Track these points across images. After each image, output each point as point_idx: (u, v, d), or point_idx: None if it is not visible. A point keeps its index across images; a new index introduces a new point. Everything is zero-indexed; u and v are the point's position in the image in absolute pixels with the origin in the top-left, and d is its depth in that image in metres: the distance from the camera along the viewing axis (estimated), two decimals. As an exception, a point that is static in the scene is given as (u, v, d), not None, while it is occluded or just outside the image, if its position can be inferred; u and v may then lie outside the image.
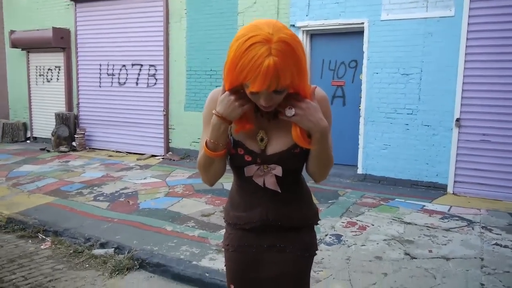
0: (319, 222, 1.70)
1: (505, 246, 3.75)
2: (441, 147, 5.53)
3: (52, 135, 8.60)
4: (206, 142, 1.45)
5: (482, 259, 3.48)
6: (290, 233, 1.57)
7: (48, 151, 8.52)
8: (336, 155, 1.65)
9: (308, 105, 1.36)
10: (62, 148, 8.47)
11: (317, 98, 1.50)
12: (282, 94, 1.33)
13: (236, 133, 1.48)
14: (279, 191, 1.50)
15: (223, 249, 1.72)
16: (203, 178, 1.57)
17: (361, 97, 6.04)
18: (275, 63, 1.20)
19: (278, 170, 1.47)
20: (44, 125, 9.61)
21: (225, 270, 1.70)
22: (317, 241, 1.72)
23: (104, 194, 5.39)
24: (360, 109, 6.06)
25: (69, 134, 8.62)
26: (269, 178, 1.48)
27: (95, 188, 5.69)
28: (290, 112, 1.35)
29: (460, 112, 5.36)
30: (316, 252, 1.69)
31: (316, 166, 1.49)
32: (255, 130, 1.48)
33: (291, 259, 1.58)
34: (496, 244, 3.81)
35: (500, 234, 4.04)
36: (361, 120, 6.03)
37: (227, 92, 1.40)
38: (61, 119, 8.67)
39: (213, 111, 1.42)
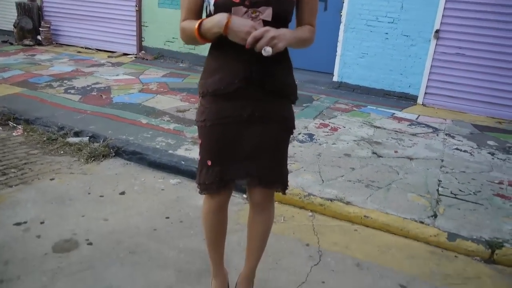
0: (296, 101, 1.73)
1: (465, 151, 4.01)
2: (417, 59, 5.58)
3: (14, 27, 8.04)
4: (199, 25, 1.45)
5: (442, 161, 3.73)
6: (270, 104, 1.59)
7: (11, 44, 8.03)
8: (313, 61, 1.73)
9: (277, 34, 1.39)
10: (27, 42, 7.99)
11: None
12: None
13: None
14: None
15: (198, 126, 1.67)
16: (183, 40, 1.60)
17: (343, 2, 5.87)
18: None
19: (267, 13, 1.44)
20: (4, 16, 8.93)
21: (199, 153, 1.69)
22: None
23: (75, 88, 5.24)
24: (341, 15, 5.92)
25: (33, 26, 8.07)
26: (256, 26, 1.43)
27: (65, 81, 5.51)
28: (267, 52, 1.38)
29: (441, 23, 5.33)
30: (294, 131, 1.74)
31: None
32: None
33: (269, 131, 1.61)
34: (457, 149, 4.05)
35: (462, 141, 4.28)
36: (341, 27, 5.91)
37: (252, 23, 1.40)
38: (23, 9, 8.05)
39: (228, 22, 1.39)
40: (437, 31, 5.36)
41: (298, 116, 4.57)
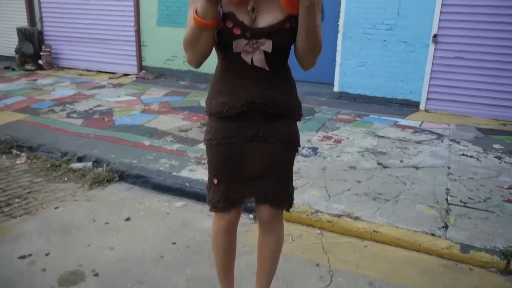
0: (301, 118, 1.72)
1: (471, 156, 3.96)
2: (417, 64, 5.56)
3: (16, 52, 8.12)
4: (195, 10, 1.37)
5: (449, 168, 3.68)
6: (273, 124, 1.59)
7: (13, 69, 8.10)
8: (313, 72, 1.71)
9: None
10: (28, 67, 8.06)
11: None
12: None
13: (226, 3, 1.42)
14: (267, 68, 1.48)
15: (205, 145, 1.70)
16: (189, 57, 1.50)
17: (340, 12, 5.88)
18: None
19: (267, 45, 1.45)
20: (5, 42, 9.02)
21: (206, 174, 1.69)
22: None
23: (77, 112, 5.26)
24: (338, 25, 5.92)
25: (34, 51, 8.15)
26: (257, 55, 1.45)
27: (67, 105, 5.53)
28: None
29: (438, 27, 5.32)
30: (299, 148, 1.73)
31: (304, 44, 1.45)
32: (246, 1, 1.43)
33: (274, 150, 1.61)
34: (463, 154, 4.01)
35: (467, 146, 4.24)
36: (339, 36, 5.92)
37: None
38: (24, 35, 8.13)
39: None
40: (435, 36, 5.35)
41: (300, 129, 4.51)
